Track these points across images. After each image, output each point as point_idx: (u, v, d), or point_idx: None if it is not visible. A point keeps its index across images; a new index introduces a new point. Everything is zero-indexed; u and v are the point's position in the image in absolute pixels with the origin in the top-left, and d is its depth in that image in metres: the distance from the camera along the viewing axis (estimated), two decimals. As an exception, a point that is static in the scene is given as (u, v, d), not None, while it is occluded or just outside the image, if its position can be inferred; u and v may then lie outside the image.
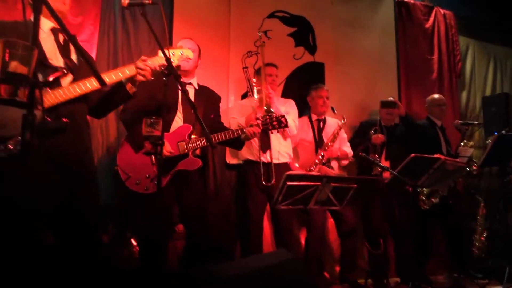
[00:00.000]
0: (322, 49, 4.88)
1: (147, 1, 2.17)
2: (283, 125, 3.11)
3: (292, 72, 4.67)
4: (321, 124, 4.09)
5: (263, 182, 3.43)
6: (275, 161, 3.53)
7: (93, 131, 3.53)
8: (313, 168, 3.78)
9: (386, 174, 3.69)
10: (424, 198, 3.92)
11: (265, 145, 3.54)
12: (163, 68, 2.14)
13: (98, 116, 2.48)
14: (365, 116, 4.75)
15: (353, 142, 4.21)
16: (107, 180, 3.32)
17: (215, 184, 3.88)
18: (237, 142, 3.11)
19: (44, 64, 1.98)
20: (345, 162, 4.07)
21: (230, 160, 4.10)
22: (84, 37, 3.66)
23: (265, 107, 3.38)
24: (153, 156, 2.72)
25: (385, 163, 3.99)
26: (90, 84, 2.03)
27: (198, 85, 3.15)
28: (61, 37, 2.12)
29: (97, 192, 2.26)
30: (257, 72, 3.79)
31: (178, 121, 2.94)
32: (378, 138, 4.04)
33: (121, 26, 3.87)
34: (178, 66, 2.65)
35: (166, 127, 2.79)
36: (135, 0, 2.20)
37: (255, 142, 3.50)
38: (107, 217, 3.20)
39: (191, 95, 3.03)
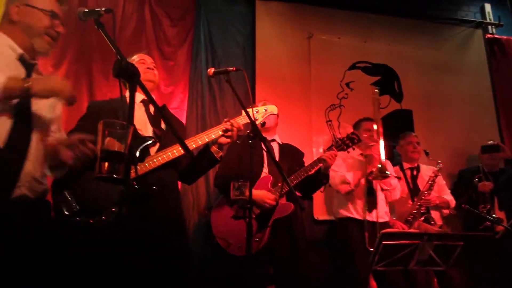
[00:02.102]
0: (409, 95, 4.70)
1: (231, 69, 2.26)
2: (355, 141, 2.95)
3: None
4: (415, 172, 3.82)
5: (367, 245, 3.16)
6: (380, 220, 3.27)
7: (185, 195, 3.65)
8: (410, 219, 3.49)
9: (500, 227, 3.27)
10: None
11: (371, 203, 3.35)
12: (248, 131, 2.17)
13: (188, 182, 2.52)
14: (462, 164, 4.38)
15: (455, 192, 3.84)
16: (199, 243, 3.37)
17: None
18: (320, 176, 2.95)
19: (133, 135, 2.08)
20: (446, 211, 3.70)
21: (319, 215, 3.96)
22: (175, 104, 3.93)
23: (379, 166, 3.15)
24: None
25: (499, 214, 3.56)
26: (175, 151, 2.09)
27: (282, 142, 3.17)
28: (151, 108, 2.25)
29: (188, 257, 2.24)
30: (355, 127, 3.66)
31: (263, 175, 2.95)
32: (485, 185, 3.65)
33: (208, 92, 4.10)
34: (264, 123, 2.64)
35: (253, 182, 2.78)
36: (220, 69, 2.31)
37: (359, 199, 3.34)
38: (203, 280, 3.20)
39: (276, 151, 3.06)
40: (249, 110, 2.24)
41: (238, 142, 2.27)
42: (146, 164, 2.03)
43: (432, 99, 4.72)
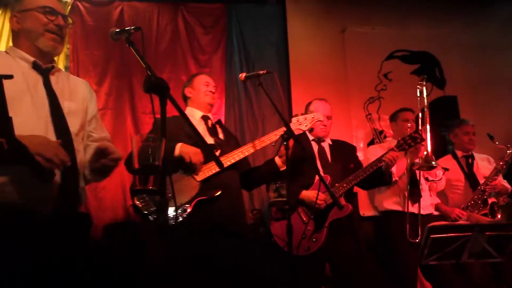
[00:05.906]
0: (452, 81, 4.53)
1: (261, 72, 2.29)
2: (418, 140, 2.84)
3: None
4: (470, 160, 3.65)
5: (408, 237, 3.09)
6: (424, 211, 3.16)
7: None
8: (470, 205, 3.35)
9: None
10: None
11: (415, 195, 3.19)
12: (282, 134, 2.19)
13: (248, 188, 2.65)
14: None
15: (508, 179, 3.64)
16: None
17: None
18: (383, 177, 2.92)
19: (202, 143, 2.28)
20: (505, 199, 3.52)
21: (365, 212, 3.90)
22: (213, 110, 3.98)
23: (425, 155, 2.97)
24: (302, 215, 2.73)
25: None
26: (236, 157, 2.35)
27: (332, 140, 3.11)
28: (209, 122, 2.55)
29: (253, 250, 2.43)
30: (392, 118, 3.55)
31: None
32: None
33: (244, 96, 4.15)
34: (312, 129, 2.77)
35: (310, 181, 2.80)
36: (251, 73, 2.35)
37: (402, 191, 3.22)
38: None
39: (327, 150, 3.01)
40: (297, 118, 2.50)
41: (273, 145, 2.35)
42: (211, 169, 2.28)
43: (478, 83, 4.51)
